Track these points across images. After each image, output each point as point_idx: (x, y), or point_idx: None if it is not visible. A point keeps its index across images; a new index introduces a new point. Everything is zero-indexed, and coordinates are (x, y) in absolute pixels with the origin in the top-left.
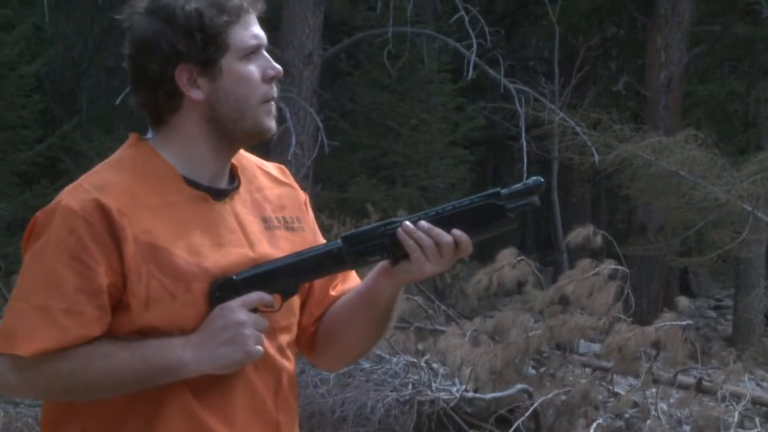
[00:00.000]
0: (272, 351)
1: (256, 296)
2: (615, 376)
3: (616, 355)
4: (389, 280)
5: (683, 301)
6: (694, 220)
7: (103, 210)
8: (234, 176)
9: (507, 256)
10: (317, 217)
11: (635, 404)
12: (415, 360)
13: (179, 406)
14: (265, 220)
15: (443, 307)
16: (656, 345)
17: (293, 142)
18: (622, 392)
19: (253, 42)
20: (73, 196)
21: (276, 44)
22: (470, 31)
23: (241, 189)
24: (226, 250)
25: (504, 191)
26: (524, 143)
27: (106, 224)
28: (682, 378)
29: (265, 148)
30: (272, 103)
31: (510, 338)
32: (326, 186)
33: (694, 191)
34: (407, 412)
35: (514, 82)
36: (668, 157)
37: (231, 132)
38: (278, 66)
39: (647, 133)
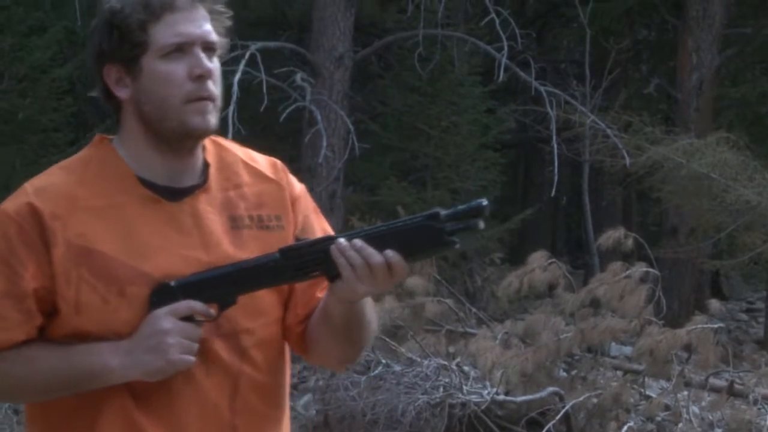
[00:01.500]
0: (226, 354)
1: (185, 305)
2: (646, 378)
3: (647, 358)
4: (332, 297)
5: (715, 303)
6: (726, 222)
7: (35, 213)
8: (206, 174)
9: (538, 258)
10: (347, 220)
11: (667, 407)
12: (446, 363)
13: (119, 410)
14: (232, 219)
15: (474, 310)
16: (688, 348)
17: (324, 144)
18: (654, 395)
19: (175, 39)
20: (13, 199)
21: (307, 47)
22: (501, 33)
23: (213, 186)
24: (171, 252)
25: (444, 213)
26: (555, 146)
27: (38, 228)
28: (713, 381)
29: (296, 151)
30: (205, 102)
31: (541, 341)
32: (357, 189)
33: (725, 194)
34: (438, 415)
35: (545, 84)
36: (700, 160)
37: (160, 131)
38: (207, 65)
39: (678, 136)
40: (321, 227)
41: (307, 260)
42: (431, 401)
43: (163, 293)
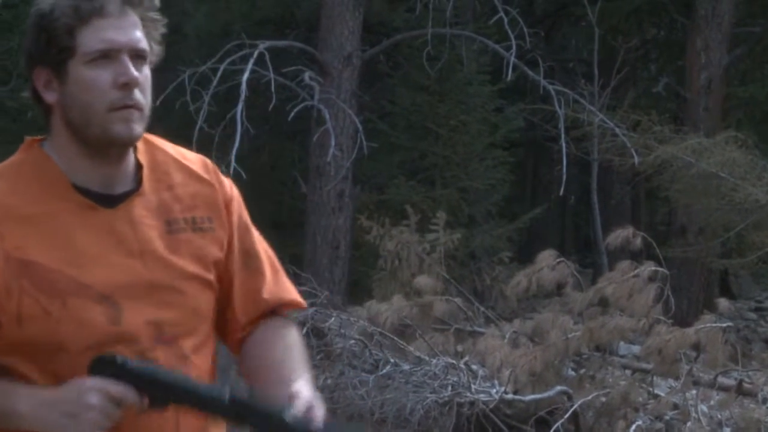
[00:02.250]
0: (169, 362)
1: (120, 391)
2: (655, 377)
3: (656, 357)
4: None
5: (723, 302)
6: (735, 221)
7: None
8: (138, 178)
9: (546, 257)
10: (356, 219)
11: (675, 406)
12: (454, 362)
13: None
14: (168, 223)
15: (482, 309)
16: (696, 347)
17: (332, 143)
18: (662, 394)
19: (100, 45)
20: None
21: (315, 46)
22: (509, 32)
23: (147, 190)
24: (109, 261)
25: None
26: (564, 145)
27: None
28: (722, 380)
29: (304, 150)
30: (130, 110)
31: (549, 340)
32: (365, 188)
33: (734, 192)
34: (446, 413)
35: (554, 83)
36: (708, 159)
37: (85, 137)
38: (133, 73)
39: (687, 135)
40: (257, 239)
41: (252, 419)
42: (440, 400)
43: (105, 364)
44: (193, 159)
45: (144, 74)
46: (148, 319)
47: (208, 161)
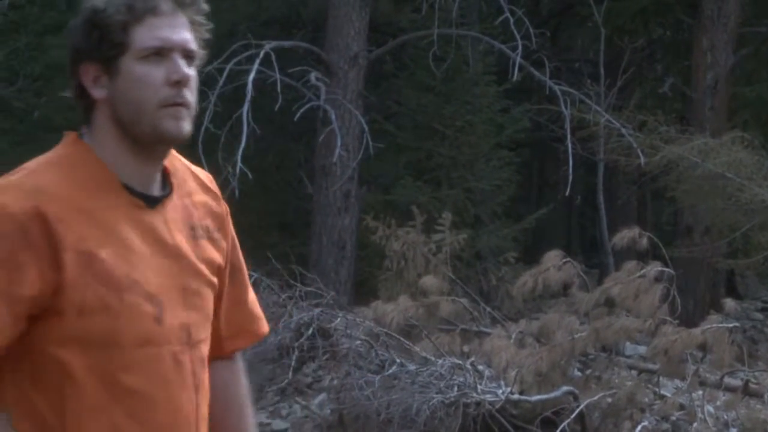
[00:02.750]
0: (194, 366)
1: None
2: (661, 378)
3: (662, 358)
4: None
5: (730, 303)
6: (741, 221)
7: (41, 218)
8: (167, 182)
9: (552, 258)
10: (362, 219)
11: (681, 407)
12: (460, 362)
13: (102, 415)
14: (192, 229)
15: (488, 309)
16: (703, 347)
17: (338, 144)
18: (669, 395)
19: (155, 43)
20: (10, 197)
21: (321, 46)
22: (515, 32)
23: (174, 194)
24: (152, 260)
25: None
26: (570, 145)
27: (44, 233)
28: (728, 380)
29: (310, 150)
30: (180, 107)
31: (555, 340)
32: (371, 188)
33: (740, 193)
34: (452, 414)
35: (560, 83)
36: (714, 159)
37: (135, 135)
38: (185, 71)
39: (693, 135)
40: (240, 254)
41: None
42: (446, 400)
43: None
44: (198, 170)
45: (193, 74)
46: (181, 321)
47: (209, 175)
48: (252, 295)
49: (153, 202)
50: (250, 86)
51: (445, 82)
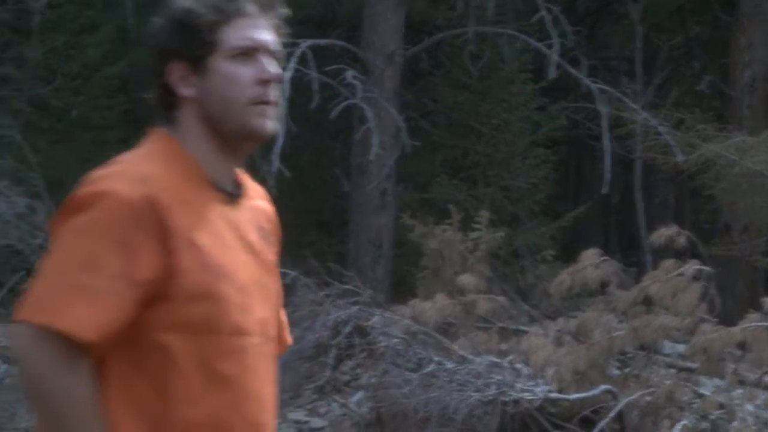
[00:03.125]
0: (271, 361)
1: None
2: (700, 376)
3: (701, 356)
4: None
5: None
6: None
7: (154, 205)
8: (237, 182)
9: (590, 256)
10: (398, 217)
11: (721, 405)
12: (498, 360)
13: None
14: (260, 230)
15: (526, 308)
16: (742, 346)
17: (375, 142)
18: (708, 393)
19: (245, 42)
20: (123, 184)
21: (358, 45)
22: (552, 30)
23: (245, 195)
24: (239, 255)
25: None
26: (607, 143)
27: (156, 219)
28: None
29: (347, 148)
30: (266, 106)
31: (593, 339)
32: (408, 186)
33: None
34: (490, 412)
35: (596, 81)
36: (753, 157)
37: (223, 132)
38: (272, 71)
39: (731, 133)
40: None
41: None
42: (483, 399)
43: None
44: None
45: (279, 74)
46: (260, 316)
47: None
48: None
49: (233, 199)
50: (286, 85)
51: (481, 79)
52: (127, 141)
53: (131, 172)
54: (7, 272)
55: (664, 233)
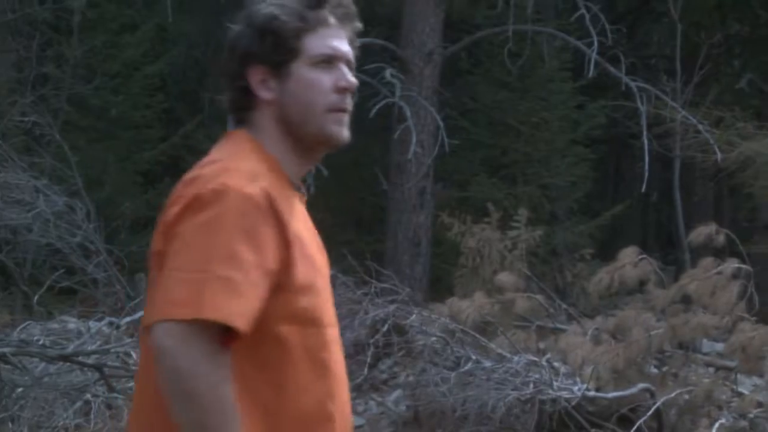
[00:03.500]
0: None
1: None
2: (739, 375)
3: (739, 354)
4: None
5: None
6: None
7: (270, 199)
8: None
9: (628, 254)
10: (437, 216)
11: (759, 404)
12: (536, 359)
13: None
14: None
15: (564, 306)
16: None
17: (414, 140)
18: (747, 392)
19: (326, 51)
20: (240, 180)
21: (397, 43)
22: (591, 29)
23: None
24: (317, 251)
25: None
26: (646, 141)
27: (274, 213)
28: None
29: (386, 147)
30: (343, 113)
31: (632, 337)
32: (446, 185)
33: None
34: (528, 410)
35: (636, 79)
36: None
37: (300, 136)
38: (352, 79)
39: None
40: None
41: None
42: (521, 397)
43: None
44: None
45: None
46: (331, 311)
47: None
48: None
49: (302, 198)
50: None
51: (521, 78)
52: (166, 139)
53: (241, 168)
54: (45, 270)
55: (703, 231)
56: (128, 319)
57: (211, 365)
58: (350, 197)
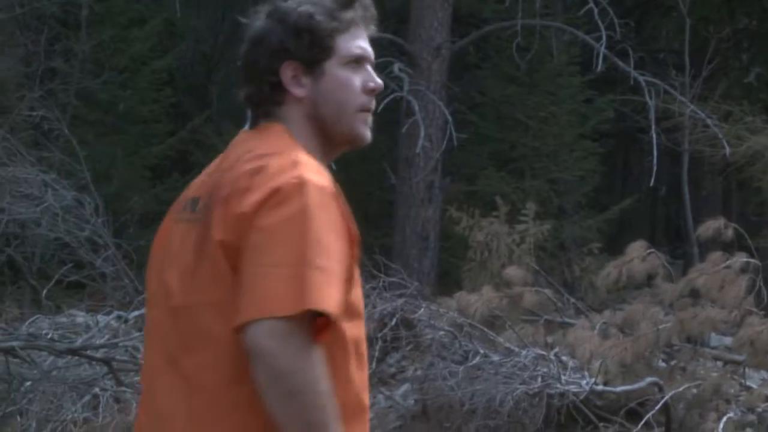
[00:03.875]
0: None
1: None
2: (747, 369)
3: (748, 349)
4: None
5: None
6: None
7: (338, 193)
8: None
9: (637, 248)
10: (445, 210)
11: (767, 398)
12: (544, 353)
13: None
14: None
15: (572, 300)
16: None
17: (422, 134)
18: (755, 386)
19: (358, 51)
20: (313, 173)
21: (405, 37)
22: (599, 23)
23: None
24: None
25: None
26: (654, 136)
27: (340, 205)
28: None
29: (394, 141)
30: (369, 114)
31: (640, 331)
32: (455, 179)
33: None
34: (536, 404)
35: (644, 74)
36: None
37: (330, 134)
38: (380, 81)
39: None
40: None
41: None
42: (529, 391)
43: None
44: None
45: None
46: None
47: None
48: None
49: None
50: None
51: (529, 72)
52: (174, 134)
53: (308, 162)
54: (54, 265)
55: (712, 225)
56: (136, 313)
57: (311, 361)
58: (358, 191)
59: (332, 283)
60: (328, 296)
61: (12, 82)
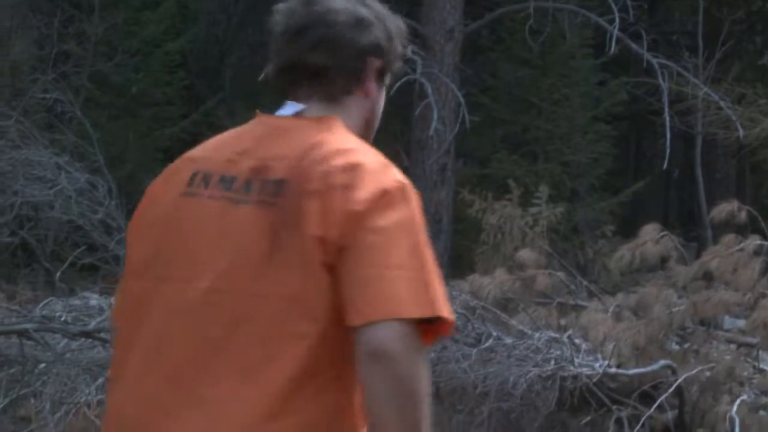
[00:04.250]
0: None
1: None
2: (760, 352)
3: (761, 331)
4: None
5: None
6: None
7: None
8: None
9: (650, 231)
10: (458, 192)
11: None
12: (557, 335)
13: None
14: None
15: (585, 283)
16: None
17: (435, 117)
18: None
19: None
20: (403, 177)
21: (418, 20)
22: (612, 5)
23: None
24: None
25: None
26: (667, 118)
27: None
28: None
29: (407, 124)
30: None
31: (653, 314)
32: (467, 161)
33: None
34: (549, 387)
35: (657, 56)
36: None
37: (365, 137)
38: None
39: None
40: None
41: None
42: (542, 374)
43: None
44: None
45: None
46: None
47: None
48: None
49: None
50: None
51: (542, 55)
52: (187, 116)
53: (391, 163)
54: (67, 247)
55: (725, 208)
56: None
57: (424, 366)
58: None
59: (443, 287)
60: (445, 301)
61: (25, 65)
